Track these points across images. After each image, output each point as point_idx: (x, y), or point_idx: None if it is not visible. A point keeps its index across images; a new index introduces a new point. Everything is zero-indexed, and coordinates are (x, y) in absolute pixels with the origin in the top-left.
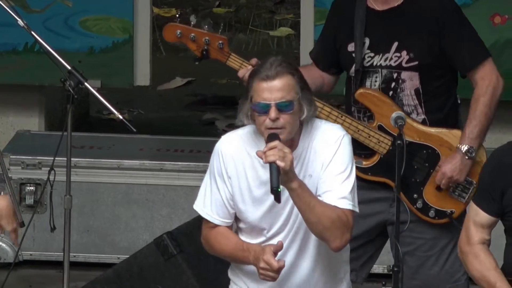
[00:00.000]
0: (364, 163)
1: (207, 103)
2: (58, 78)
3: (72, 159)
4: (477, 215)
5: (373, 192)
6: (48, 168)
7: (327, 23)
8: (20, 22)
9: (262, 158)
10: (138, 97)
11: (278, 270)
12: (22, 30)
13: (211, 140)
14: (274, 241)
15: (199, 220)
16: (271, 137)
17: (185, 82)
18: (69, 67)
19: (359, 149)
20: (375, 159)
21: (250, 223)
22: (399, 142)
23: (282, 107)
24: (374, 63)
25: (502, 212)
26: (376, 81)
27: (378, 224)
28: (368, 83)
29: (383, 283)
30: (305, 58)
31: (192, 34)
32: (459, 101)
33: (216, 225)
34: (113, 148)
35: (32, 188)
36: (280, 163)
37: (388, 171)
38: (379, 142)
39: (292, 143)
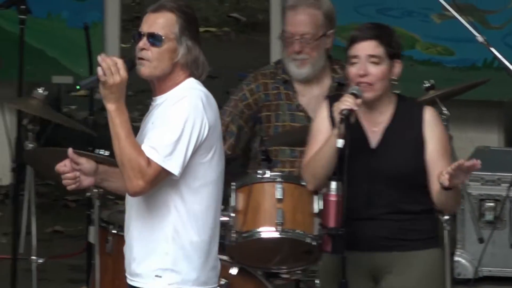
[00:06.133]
0: None
1: None
2: None
3: None
4: None
5: None
6: (508, 184)
7: None
8: (479, 38)
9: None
10: None
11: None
12: (481, 46)
13: None
14: None
15: None
16: (127, 60)
17: None
18: None
19: None
20: None
21: None
22: None
23: (151, 39)
24: None
25: None
26: None
27: None
28: None
29: None
30: None
31: None
32: None
33: None
34: None
35: (491, 204)
36: (99, 72)
37: None
38: None
39: (163, 87)
